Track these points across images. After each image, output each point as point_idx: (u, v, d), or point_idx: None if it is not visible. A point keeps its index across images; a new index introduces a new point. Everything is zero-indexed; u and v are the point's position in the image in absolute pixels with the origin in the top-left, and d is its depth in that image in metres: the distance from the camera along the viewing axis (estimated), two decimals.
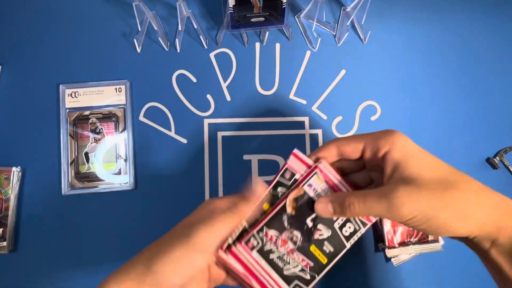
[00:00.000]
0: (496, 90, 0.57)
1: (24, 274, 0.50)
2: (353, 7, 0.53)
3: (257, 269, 0.33)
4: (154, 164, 0.53)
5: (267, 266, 0.33)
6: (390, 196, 0.30)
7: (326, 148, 0.35)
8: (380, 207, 0.30)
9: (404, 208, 0.29)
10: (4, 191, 0.50)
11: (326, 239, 0.34)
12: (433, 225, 0.30)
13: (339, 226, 0.34)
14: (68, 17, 0.55)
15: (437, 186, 0.30)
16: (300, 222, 0.34)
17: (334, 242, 0.34)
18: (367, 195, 0.31)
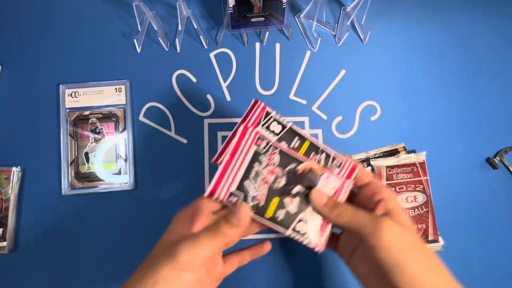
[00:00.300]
0: (496, 90, 0.57)
1: (24, 274, 0.50)
2: (353, 7, 0.53)
3: (236, 161, 0.35)
4: (154, 164, 0.53)
5: (243, 169, 0.35)
6: (380, 219, 0.33)
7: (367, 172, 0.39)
8: (367, 223, 0.34)
9: (388, 233, 0.32)
10: (4, 191, 0.50)
11: (287, 208, 0.36)
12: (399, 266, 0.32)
13: (300, 219, 0.36)
14: (68, 17, 0.55)
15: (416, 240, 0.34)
16: (295, 180, 0.36)
17: (286, 218, 0.36)
18: (360, 209, 0.35)
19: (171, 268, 0.31)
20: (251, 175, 0.35)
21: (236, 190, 0.35)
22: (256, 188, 0.35)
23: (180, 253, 0.31)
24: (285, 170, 0.36)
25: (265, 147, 0.36)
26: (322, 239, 0.37)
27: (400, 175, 0.52)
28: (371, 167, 0.53)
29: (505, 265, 0.53)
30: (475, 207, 0.54)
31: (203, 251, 0.32)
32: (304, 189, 0.36)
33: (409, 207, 0.52)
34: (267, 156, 0.36)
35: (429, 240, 0.51)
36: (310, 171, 0.36)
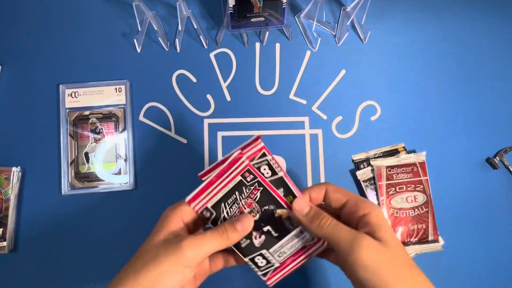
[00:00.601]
0: (496, 90, 0.57)
1: (24, 274, 0.50)
2: (353, 7, 0.53)
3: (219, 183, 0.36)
4: (154, 164, 0.53)
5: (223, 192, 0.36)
6: (358, 236, 0.33)
7: (318, 189, 0.38)
8: (345, 238, 0.33)
9: (364, 251, 0.32)
10: (4, 191, 0.50)
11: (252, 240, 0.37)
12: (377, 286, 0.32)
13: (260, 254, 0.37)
14: (68, 17, 0.55)
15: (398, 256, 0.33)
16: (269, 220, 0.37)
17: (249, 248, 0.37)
18: (340, 223, 0.35)
19: (176, 263, 0.32)
20: (229, 199, 0.36)
21: (211, 208, 0.36)
22: (228, 213, 0.37)
23: (187, 249, 0.32)
24: (263, 208, 0.37)
25: (251, 181, 0.37)
26: (274, 278, 0.38)
27: (400, 175, 0.52)
28: (371, 167, 0.53)
29: (505, 265, 0.53)
30: (475, 207, 0.54)
31: (207, 250, 0.33)
32: (274, 231, 0.37)
33: (409, 207, 0.52)
34: (250, 189, 0.37)
35: (429, 240, 0.51)
36: (287, 219, 0.37)
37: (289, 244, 0.37)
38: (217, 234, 0.34)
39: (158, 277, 0.31)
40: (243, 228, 0.35)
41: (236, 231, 0.35)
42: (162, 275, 0.31)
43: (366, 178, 0.53)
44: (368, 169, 0.53)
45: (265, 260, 0.38)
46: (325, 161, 0.54)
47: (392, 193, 0.52)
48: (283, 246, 0.37)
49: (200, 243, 0.33)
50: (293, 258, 0.38)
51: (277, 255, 0.38)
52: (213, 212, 0.36)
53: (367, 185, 0.53)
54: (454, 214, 0.54)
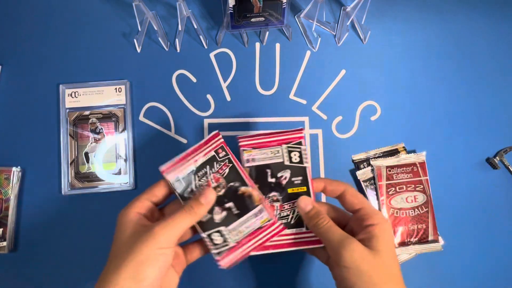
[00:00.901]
0: (496, 90, 0.57)
1: (24, 274, 0.50)
2: (353, 7, 0.53)
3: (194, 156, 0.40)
4: (154, 164, 0.53)
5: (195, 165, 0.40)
6: (347, 240, 0.36)
7: (336, 186, 0.41)
8: (335, 238, 0.36)
9: (349, 253, 0.35)
10: (4, 191, 0.50)
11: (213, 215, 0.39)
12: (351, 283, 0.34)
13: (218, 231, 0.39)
14: (68, 17, 0.55)
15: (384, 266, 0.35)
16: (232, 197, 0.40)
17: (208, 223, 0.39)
18: (335, 226, 0.38)
19: (152, 247, 0.33)
20: (200, 172, 0.39)
21: (182, 178, 0.39)
22: (196, 185, 0.39)
23: (159, 232, 0.34)
24: (228, 184, 0.39)
25: (223, 157, 0.40)
26: (227, 259, 0.39)
27: (400, 175, 0.52)
28: (371, 167, 0.53)
29: (505, 265, 0.53)
30: (475, 207, 0.54)
31: (179, 229, 0.35)
32: (235, 208, 0.39)
33: (409, 207, 0.52)
34: (220, 165, 0.40)
35: (429, 240, 0.51)
36: (249, 197, 0.39)
37: (247, 222, 0.39)
38: (184, 212, 0.36)
39: (138, 266, 0.33)
40: (207, 200, 0.37)
41: (201, 204, 0.37)
42: (141, 263, 0.33)
43: (366, 178, 0.53)
44: (368, 169, 0.53)
45: (222, 237, 0.39)
46: (325, 161, 0.54)
47: (392, 193, 0.52)
48: (241, 224, 0.39)
49: (170, 224, 0.35)
50: (249, 238, 0.39)
51: (235, 233, 0.39)
52: (183, 183, 0.39)
53: (367, 185, 0.53)
54: (454, 214, 0.54)
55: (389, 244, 0.36)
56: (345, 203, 0.41)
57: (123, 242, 0.35)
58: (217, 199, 0.39)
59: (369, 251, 0.35)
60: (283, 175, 0.41)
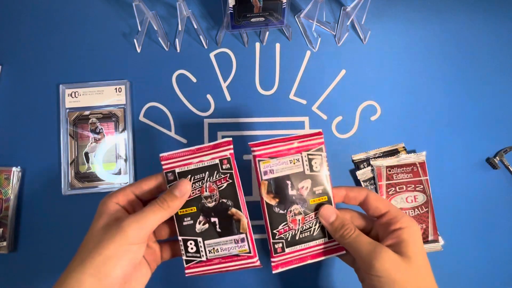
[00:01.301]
0: (496, 90, 0.57)
1: (24, 274, 0.50)
2: (353, 7, 0.53)
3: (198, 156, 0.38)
4: (154, 165, 0.53)
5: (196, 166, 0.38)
6: (377, 248, 0.34)
7: (358, 193, 0.39)
8: (365, 249, 0.34)
9: (381, 263, 0.33)
10: (4, 191, 0.50)
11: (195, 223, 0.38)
12: None
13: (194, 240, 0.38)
14: (68, 17, 0.55)
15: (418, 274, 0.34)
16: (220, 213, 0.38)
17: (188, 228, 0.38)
18: (362, 234, 0.36)
19: (120, 243, 0.32)
20: (197, 175, 0.37)
21: (178, 174, 0.37)
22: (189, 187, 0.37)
23: (128, 227, 0.32)
24: (221, 199, 0.37)
25: (225, 170, 0.37)
26: (192, 270, 0.38)
27: (400, 175, 0.52)
28: (371, 167, 0.53)
29: (505, 265, 0.53)
30: (475, 207, 0.54)
31: (149, 224, 0.34)
32: (219, 226, 0.37)
33: (409, 207, 0.52)
34: (220, 176, 0.37)
35: (429, 240, 0.51)
36: (237, 221, 0.37)
37: (225, 245, 0.37)
38: (156, 206, 0.35)
39: (105, 262, 0.31)
40: (181, 192, 0.36)
41: (175, 197, 0.35)
42: (109, 259, 0.31)
43: (366, 178, 0.53)
44: (368, 169, 0.53)
45: (196, 248, 0.37)
46: None
47: (392, 193, 0.52)
48: (219, 244, 0.37)
49: (140, 219, 0.33)
50: (221, 261, 0.37)
51: (209, 250, 0.37)
52: (177, 179, 0.37)
53: (367, 185, 0.53)
54: (454, 214, 0.54)
55: (420, 248, 0.35)
56: (369, 209, 0.39)
57: (93, 234, 0.34)
58: (204, 208, 0.37)
59: (400, 258, 0.34)
60: (304, 185, 0.38)
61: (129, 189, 0.37)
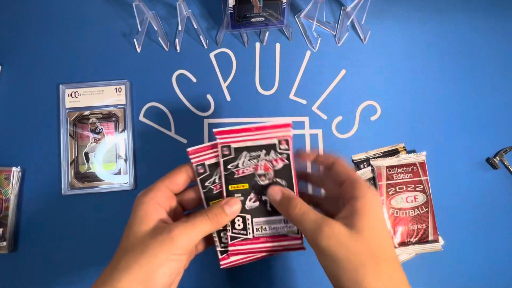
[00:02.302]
0: (496, 90, 0.57)
1: (24, 274, 0.50)
2: (353, 7, 0.53)
3: None
4: (154, 164, 0.53)
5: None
6: (323, 224, 0.32)
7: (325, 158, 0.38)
8: (310, 226, 0.32)
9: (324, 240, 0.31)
10: (4, 191, 0.50)
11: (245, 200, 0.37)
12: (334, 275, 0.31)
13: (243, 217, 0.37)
14: (68, 17, 0.55)
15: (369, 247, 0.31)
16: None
17: None
18: (311, 211, 0.34)
19: (169, 252, 0.31)
20: (253, 153, 0.37)
21: (234, 149, 0.37)
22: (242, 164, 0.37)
23: (178, 238, 0.32)
24: (275, 178, 0.37)
25: (283, 150, 0.37)
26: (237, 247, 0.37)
27: (400, 175, 0.52)
28: (371, 167, 0.53)
29: (505, 265, 0.53)
30: (475, 207, 0.54)
31: (198, 235, 0.33)
32: (269, 205, 0.37)
33: (409, 207, 0.52)
34: (277, 156, 0.37)
35: (429, 240, 0.51)
36: None
37: (274, 224, 0.37)
38: (206, 218, 0.34)
39: (153, 270, 0.31)
40: (231, 210, 0.35)
41: (225, 215, 0.35)
42: (157, 267, 0.31)
43: (366, 178, 0.53)
44: (368, 169, 0.53)
45: (243, 225, 0.37)
46: None
47: (392, 193, 0.52)
48: (268, 222, 0.37)
49: (190, 230, 0.33)
50: (268, 240, 0.37)
51: (257, 228, 0.37)
52: (232, 154, 0.37)
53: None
54: (454, 214, 0.54)
55: (373, 221, 0.32)
56: (334, 175, 0.37)
57: (137, 238, 0.33)
58: (257, 187, 0.37)
59: (348, 232, 0.31)
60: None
61: (164, 185, 0.36)
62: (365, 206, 0.32)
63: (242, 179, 0.37)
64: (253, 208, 0.37)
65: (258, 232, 0.37)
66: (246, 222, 0.37)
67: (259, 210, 0.37)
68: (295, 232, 0.37)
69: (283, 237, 0.37)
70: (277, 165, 0.37)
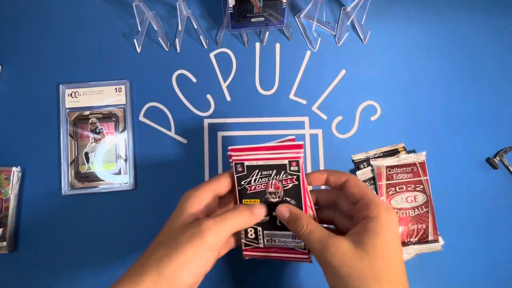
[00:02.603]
0: (496, 90, 0.57)
1: (24, 274, 0.50)
2: (353, 7, 0.53)
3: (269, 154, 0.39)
4: (154, 164, 0.53)
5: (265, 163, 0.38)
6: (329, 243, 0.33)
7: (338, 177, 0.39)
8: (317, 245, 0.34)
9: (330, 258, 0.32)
10: (4, 191, 0.50)
11: None
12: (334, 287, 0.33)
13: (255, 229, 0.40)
14: (68, 17, 0.55)
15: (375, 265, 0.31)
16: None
17: None
18: (317, 229, 0.35)
19: (199, 249, 0.32)
20: (264, 172, 0.38)
21: (247, 167, 0.38)
22: (254, 181, 0.39)
23: (208, 234, 0.32)
24: (285, 198, 0.38)
25: (293, 171, 0.38)
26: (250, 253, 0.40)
27: (400, 175, 0.52)
28: (371, 167, 0.53)
29: (505, 265, 0.53)
30: (475, 207, 0.54)
31: (227, 233, 0.34)
32: (278, 221, 0.39)
33: (409, 207, 0.52)
34: (287, 177, 0.38)
35: (429, 240, 0.51)
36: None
37: (282, 238, 0.39)
38: (236, 212, 0.35)
39: (182, 266, 0.31)
40: (262, 210, 0.38)
41: (254, 215, 0.37)
42: (186, 263, 0.31)
43: (366, 178, 0.53)
44: (368, 169, 0.53)
45: (255, 235, 0.40)
46: (325, 161, 0.54)
47: (392, 193, 0.52)
48: (277, 236, 0.39)
49: (220, 224, 0.33)
50: (277, 250, 0.40)
51: (267, 239, 0.39)
52: (245, 171, 0.39)
53: (367, 185, 0.53)
54: (454, 214, 0.54)
55: (382, 241, 0.32)
56: (347, 195, 0.37)
57: (171, 232, 0.34)
58: (267, 203, 0.39)
59: (353, 251, 0.32)
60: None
61: (208, 186, 0.37)
62: (377, 226, 0.33)
63: (254, 195, 0.39)
64: (264, 221, 0.39)
65: (268, 243, 0.39)
66: (257, 233, 0.39)
67: (270, 224, 0.39)
68: (302, 248, 0.39)
69: (292, 250, 0.39)
70: (287, 184, 0.38)
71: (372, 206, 0.34)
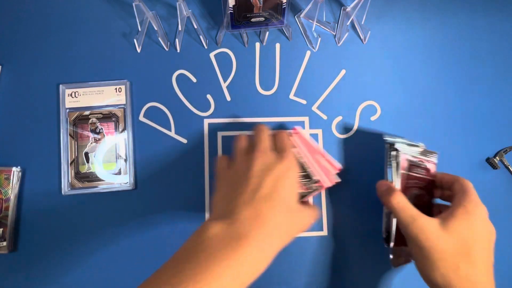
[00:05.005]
0: (496, 90, 0.57)
1: (24, 274, 0.50)
2: (353, 7, 0.53)
3: None
4: (154, 164, 0.53)
5: None
6: (415, 221, 0.39)
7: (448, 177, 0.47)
8: (404, 220, 0.41)
9: (411, 229, 0.40)
10: (4, 191, 0.50)
11: None
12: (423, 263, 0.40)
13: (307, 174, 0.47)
14: (68, 17, 0.55)
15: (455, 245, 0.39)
16: None
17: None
18: (409, 206, 0.41)
19: (307, 223, 0.41)
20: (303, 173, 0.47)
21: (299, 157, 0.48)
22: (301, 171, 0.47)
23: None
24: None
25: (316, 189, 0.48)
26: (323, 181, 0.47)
27: (417, 168, 0.48)
28: (396, 151, 0.49)
29: (505, 265, 0.53)
30: None
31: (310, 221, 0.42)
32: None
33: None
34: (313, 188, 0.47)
35: None
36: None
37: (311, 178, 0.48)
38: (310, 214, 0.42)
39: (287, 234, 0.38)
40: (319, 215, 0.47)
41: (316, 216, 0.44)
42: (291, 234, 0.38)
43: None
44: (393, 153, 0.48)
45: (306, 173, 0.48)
46: None
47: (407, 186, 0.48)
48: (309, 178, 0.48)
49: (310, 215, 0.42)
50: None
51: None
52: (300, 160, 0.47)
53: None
54: None
55: (467, 228, 0.39)
56: (439, 179, 0.47)
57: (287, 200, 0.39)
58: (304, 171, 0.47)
59: (439, 230, 0.38)
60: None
61: None
62: (465, 213, 0.40)
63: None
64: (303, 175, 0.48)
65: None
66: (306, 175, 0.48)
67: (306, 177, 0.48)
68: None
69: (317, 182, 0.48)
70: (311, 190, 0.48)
71: (465, 195, 0.42)
